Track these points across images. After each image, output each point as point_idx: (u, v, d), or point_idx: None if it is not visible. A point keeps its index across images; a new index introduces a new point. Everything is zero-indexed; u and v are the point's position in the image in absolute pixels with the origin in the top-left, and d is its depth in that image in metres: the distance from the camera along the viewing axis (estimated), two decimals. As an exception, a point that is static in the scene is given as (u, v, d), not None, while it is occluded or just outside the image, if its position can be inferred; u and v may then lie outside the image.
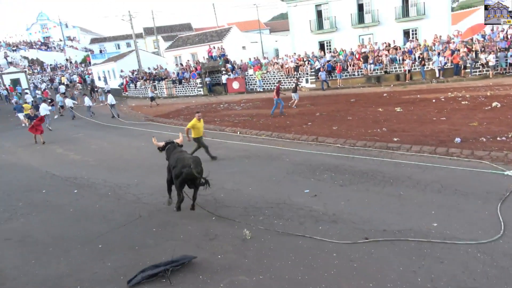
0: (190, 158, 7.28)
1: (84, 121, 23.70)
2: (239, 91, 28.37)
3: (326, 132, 13.01)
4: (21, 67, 50.68)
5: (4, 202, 9.21)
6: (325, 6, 28.87)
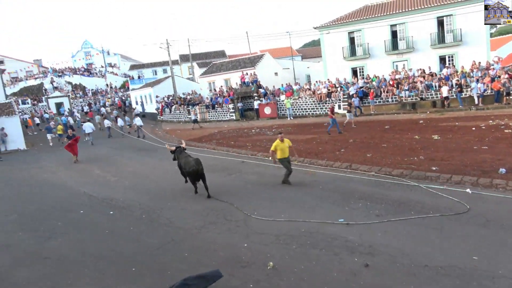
0: (193, 160, 10.42)
1: (120, 143, 24.54)
2: (270, 117, 28.57)
3: (360, 159, 12.75)
4: (65, 91, 53.71)
5: (44, 221, 9.56)
6: (358, 33, 28.94)
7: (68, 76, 58.44)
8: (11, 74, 59.50)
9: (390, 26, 27.69)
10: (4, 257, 7.47)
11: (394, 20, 27.50)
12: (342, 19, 29.72)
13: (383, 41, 27.86)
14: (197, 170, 10.12)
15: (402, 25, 27.43)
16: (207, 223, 8.29)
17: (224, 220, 8.29)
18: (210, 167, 14.60)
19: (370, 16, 28.30)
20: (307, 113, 27.62)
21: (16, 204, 11.68)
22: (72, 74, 59.51)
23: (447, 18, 25.95)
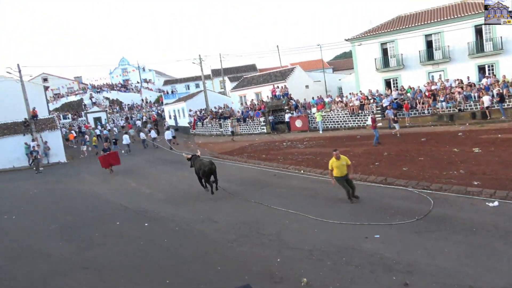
0: (208, 161, 12.80)
1: (154, 156, 25.14)
2: (302, 129, 28.40)
3: (395, 173, 12.36)
4: (103, 107, 56.05)
5: (83, 232, 9.89)
6: (391, 44, 28.42)
7: (106, 92, 60.96)
8: (54, 91, 62.85)
9: (425, 36, 26.99)
10: (44, 266, 7.76)
11: (429, 30, 26.80)
12: (375, 30, 29.33)
13: (417, 51, 27.16)
14: (211, 168, 12.39)
15: (437, 35, 26.69)
16: (240, 236, 8.27)
17: (257, 234, 8.24)
18: (241, 180, 14.70)
19: (403, 26, 27.75)
20: (339, 126, 27.23)
21: (57, 214, 12.17)
22: (109, 90, 62.05)
23: (485, 26, 24.97)
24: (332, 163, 10.00)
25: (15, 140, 27.27)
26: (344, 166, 9.93)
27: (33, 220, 11.81)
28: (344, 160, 9.99)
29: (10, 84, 31.80)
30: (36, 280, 7.09)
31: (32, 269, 7.64)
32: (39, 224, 11.16)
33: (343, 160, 9.97)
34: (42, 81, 58.59)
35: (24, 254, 8.60)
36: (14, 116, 29.66)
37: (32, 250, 8.87)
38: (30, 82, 36.54)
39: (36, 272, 7.45)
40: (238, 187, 13.47)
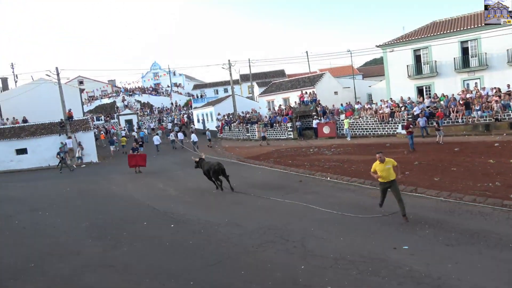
0: (215, 162, 14.61)
1: (182, 158, 25.52)
2: (329, 136, 28.07)
3: (426, 183, 11.95)
4: (134, 109, 57.68)
5: (111, 231, 10.15)
6: (425, 50, 27.69)
7: (137, 95, 62.72)
8: (88, 93, 65.34)
9: (461, 42, 26.11)
10: (74, 262, 8.01)
11: (465, 36, 25.91)
12: (408, 37, 28.67)
13: (452, 58, 26.30)
14: (219, 168, 13.86)
15: (474, 42, 25.76)
16: (264, 241, 8.23)
17: (282, 240, 8.17)
18: (266, 185, 14.68)
19: (438, 32, 26.97)
20: (368, 133, 26.72)
21: (87, 213, 12.57)
22: (141, 93, 63.79)
23: (527, 32, 23.89)
24: (375, 167, 9.11)
25: (51, 140, 28.51)
26: (390, 169, 8.94)
27: (65, 217, 12.24)
28: (390, 163, 8.97)
29: (49, 86, 33.42)
30: (66, 276, 7.32)
31: (63, 265, 7.90)
32: (71, 222, 11.55)
33: (388, 163, 8.95)
34: (78, 83, 61.03)
35: (55, 251, 8.91)
36: (52, 116, 31.08)
37: (63, 246, 9.19)
38: (67, 85, 38.22)
39: (66, 268, 7.69)
40: (263, 191, 13.44)
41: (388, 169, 8.89)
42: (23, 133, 29.01)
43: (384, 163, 8.91)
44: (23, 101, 33.70)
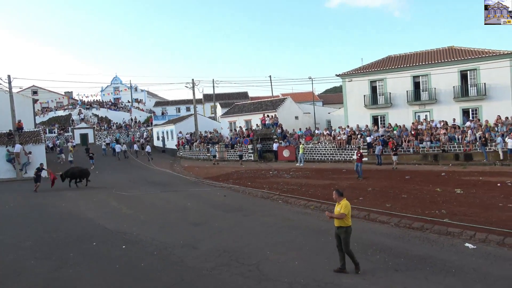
0: (76, 168, 22.20)
1: (138, 175, 24.79)
2: (289, 159, 28.56)
3: (378, 209, 12.42)
4: (91, 123, 55.59)
5: (57, 250, 9.57)
6: (380, 82, 29.31)
7: (95, 109, 60.62)
8: (42, 104, 62.28)
9: (413, 77, 27.98)
10: (15, 284, 7.43)
11: (417, 72, 27.82)
12: (365, 68, 30.27)
13: (405, 91, 28.04)
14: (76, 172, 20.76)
15: (425, 77, 27.68)
16: (219, 264, 8.10)
17: (237, 263, 8.09)
18: (226, 206, 14.57)
19: (393, 66, 28.76)
20: (325, 158, 27.50)
21: (32, 231, 11.79)
22: (99, 107, 61.73)
23: (471, 72, 26.06)
24: (347, 206, 7.31)
25: (-3, 151, 26.68)
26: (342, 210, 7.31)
27: (7, 235, 11.40)
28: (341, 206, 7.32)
29: (-1, 94, 31.49)
30: (3, 299, 6.77)
31: (2, 286, 7.31)
32: (13, 240, 10.77)
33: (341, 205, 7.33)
34: (31, 93, 58.13)
35: (-7, 271, 8.23)
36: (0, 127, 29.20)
37: (4, 266, 8.51)
38: (19, 94, 36.34)
39: (3, 290, 7.13)
40: (221, 213, 13.32)
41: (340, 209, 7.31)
42: (-34, 142, 26.98)
43: (338, 205, 7.40)
44: (-32, 109, 31.49)
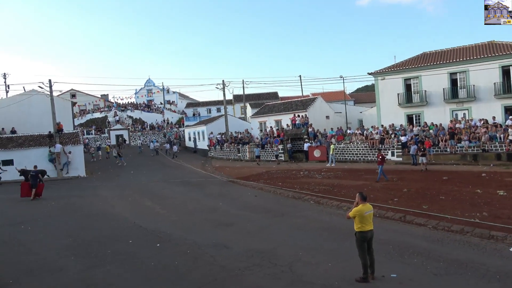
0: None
1: (170, 175, 25.28)
2: (319, 160, 28.19)
3: (414, 211, 11.99)
4: (125, 125, 57.37)
5: (95, 248, 9.90)
6: (415, 80, 28.36)
7: (130, 111, 62.51)
8: (80, 107, 64.94)
9: (450, 74, 26.87)
10: (55, 281, 7.75)
11: (454, 68, 26.70)
12: (399, 66, 29.41)
13: (441, 89, 26.99)
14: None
15: (463, 74, 26.53)
16: (251, 264, 8.09)
17: (269, 264, 8.05)
18: (256, 207, 14.57)
19: (428, 63, 27.75)
20: (357, 159, 26.93)
21: (71, 229, 12.27)
22: (133, 109, 63.61)
23: (513, 67, 24.69)
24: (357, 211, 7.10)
25: (39, 152, 28.07)
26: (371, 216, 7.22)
27: (48, 233, 11.93)
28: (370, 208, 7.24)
29: (41, 98, 33.17)
30: (45, 293, 7.07)
31: (43, 283, 7.65)
32: (53, 238, 11.25)
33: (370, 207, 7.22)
34: (70, 97, 60.69)
35: (36, 267, 8.63)
36: (42, 129, 30.71)
37: (45, 263, 8.91)
38: (59, 98, 37.99)
39: (46, 286, 7.44)
40: (252, 214, 13.33)
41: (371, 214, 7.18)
42: (10, 144, 28.54)
43: (366, 205, 7.18)
44: (13, 112, 33.35)
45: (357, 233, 7.09)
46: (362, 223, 7.03)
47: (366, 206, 7.16)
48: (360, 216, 7.03)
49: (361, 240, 7.02)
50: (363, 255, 7.00)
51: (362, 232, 7.02)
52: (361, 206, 7.12)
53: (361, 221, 7.04)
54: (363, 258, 7.00)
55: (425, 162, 20.77)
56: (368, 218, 7.08)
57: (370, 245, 7.11)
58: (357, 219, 7.06)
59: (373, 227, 7.21)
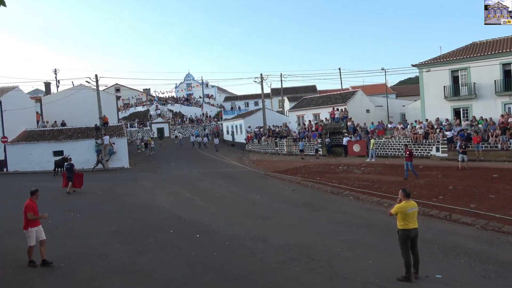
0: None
1: (209, 169, 25.73)
2: (359, 154, 27.53)
3: (461, 209, 11.42)
4: (166, 118, 59.03)
5: (139, 236, 10.30)
6: (463, 71, 26.84)
7: (170, 105, 64.21)
8: (124, 101, 67.54)
9: (502, 65, 25.16)
10: (102, 266, 8.15)
11: (507, 59, 24.94)
12: (445, 57, 27.95)
13: (492, 81, 25.36)
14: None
15: (517, 64, 24.74)
16: (289, 258, 8.08)
17: (307, 259, 7.99)
18: (294, 201, 14.52)
19: (478, 54, 26.15)
20: (400, 154, 26.00)
21: (117, 217, 12.85)
22: (173, 103, 65.29)
23: None
24: (399, 208, 6.88)
25: (86, 144, 29.59)
26: (415, 214, 6.98)
27: (95, 220, 12.57)
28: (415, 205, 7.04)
29: (88, 92, 34.85)
30: (94, 278, 7.45)
31: (90, 267, 8.06)
32: (100, 225, 11.83)
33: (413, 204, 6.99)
34: (115, 91, 63.29)
35: (85, 252, 9.12)
36: (88, 121, 32.31)
37: (93, 249, 9.39)
38: (104, 92, 39.67)
39: (93, 271, 7.84)
40: (289, 208, 13.29)
41: (415, 212, 6.94)
42: (61, 136, 30.30)
43: (410, 202, 6.94)
44: (63, 106, 35.30)
45: (400, 231, 6.88)
46: (405, 220, 6.80)
47: (410, 203, 6.91)
48: (403, 214, 6.80)
49: (404, 238, 6.80)
50: (406, 253, 6.78)
51: (405, 230, 6.79)
52: (404, 203, 6.90)
53: (404, 218, 6.81)
54: (406, 256, 6.78)
55: (466, 161, 19.25)
56: (411, 216, 6.84)
57: (414, 243, 6.86)
58: (400, 216, 6.84)
59: (417, 225, 6.95)
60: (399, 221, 6.87)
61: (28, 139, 29.68)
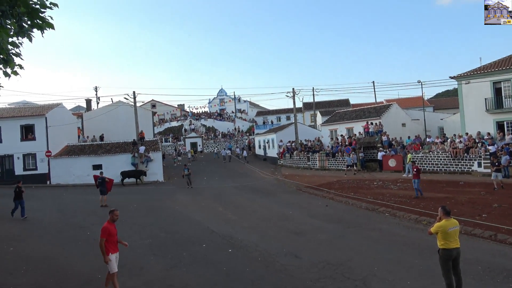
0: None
1: (242, 183, 25.81)
2: (395, 169, 26.68)
3: (508, 228, 10.72)
4: (199, 133, 60.20)
5: (173, 250, 10.43)
6: (506, 83, 25.58)
7: (203, 120, 65.53)
8: (159, 116, 69.67)
9: (550, 75, 23.80)
10: (137, 277, 8.29)
11: (555, 69, 23.59)
12: (486, 68, 26.81)
13: (540, 92, 24.00)
14: None
15: None
16: (323, 276, 7.87)
17: (342, 277, 7.76)
18: (327, 216, 14.22)
19: (522, 64, 24.89)
20: (438, 169, 24.98)
21: (152, 230, 13.09)
22: (207, 118, 66.59)
23: None
24: (439, 227, 6.57)
25: (123, 158, 30.61)
26: (456, 233, 6.64)
27: (131, 232, 12.85)
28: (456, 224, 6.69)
29: (126, 108, 36.27)
30: (128, 290, 7.57)
31: (126, 279, 8.22)
32: (136, 237, 12.08)
33: (455, 223, 6.66)
34: (151, 107, 65.39)
35: (121, 265, 9.29)
36: (126, 136, 33.51)
37: (128, 262, 9.57)
38: (141, 108, 41.13)
39: (129, 282, 8.00)
40: (323, 224, 13.03)
41: (456, 231, 6.60)
42: (100, 150, 31.56)
43: (451, 221, 6.61)
44: (103, 121, 36.91)
45: (440, 250, 6.54)
46: (446, 239, 6.47)
47: (451, 221, 6.58)
48: (444, 232, 6.48)
49: (445, 258, 6.45)
50: (447, 274, 6.43)
51: (446, 250, 6.45)
52: (444, 221, 6.57)
53: (445, 237, 6.47)
54: (448, 278, 6.42)
55: (498, 180, 17.55)
56: (453, 235, 6.50)
57: (456, 264, 6.50)
58: (440, 235, 6.52)
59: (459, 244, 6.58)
60: (440, 240, 6.55)
61: (70, 153, 31.12)
